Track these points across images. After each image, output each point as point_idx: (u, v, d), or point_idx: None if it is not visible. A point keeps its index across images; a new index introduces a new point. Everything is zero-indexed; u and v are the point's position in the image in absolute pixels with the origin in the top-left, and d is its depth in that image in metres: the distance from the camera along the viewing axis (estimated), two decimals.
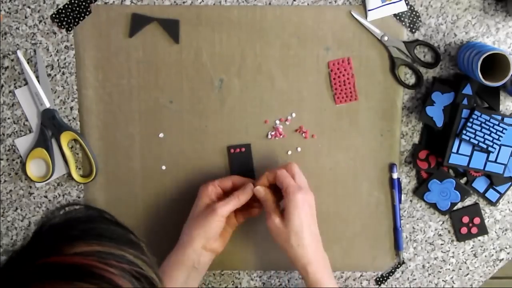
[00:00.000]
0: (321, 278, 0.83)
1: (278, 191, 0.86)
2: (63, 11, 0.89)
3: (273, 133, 0.93)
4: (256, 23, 0.90)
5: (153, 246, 0.97)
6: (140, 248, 0.55)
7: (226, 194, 0.88)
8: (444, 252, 0.98)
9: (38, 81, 0.90)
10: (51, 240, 0.52)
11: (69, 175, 0.93)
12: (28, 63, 0.90)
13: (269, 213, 0.84)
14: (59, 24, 0.89)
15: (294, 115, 0.92)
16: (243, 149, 0.93)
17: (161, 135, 0.93)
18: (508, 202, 0.96)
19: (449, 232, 0.97)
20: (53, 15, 0.89)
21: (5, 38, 0.90)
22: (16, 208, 0.95)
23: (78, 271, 0.49)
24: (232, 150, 0.93)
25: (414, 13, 0.90)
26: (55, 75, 0.91)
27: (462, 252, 0.98)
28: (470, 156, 0.89)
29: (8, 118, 0.92)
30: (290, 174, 0.85)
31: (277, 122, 0.93)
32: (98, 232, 0.54)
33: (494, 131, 0.87)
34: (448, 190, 0.94)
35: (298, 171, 0.86)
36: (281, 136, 0.93)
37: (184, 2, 0.89)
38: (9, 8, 0.89)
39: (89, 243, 0.52)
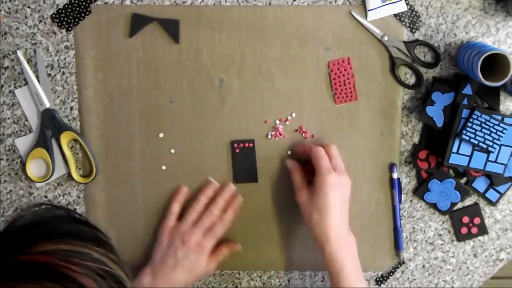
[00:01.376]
0: (339, 257, 0.83)
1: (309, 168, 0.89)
2: (63, 11, 0.89)
3: (273, 133, 0.93)
4: (256, 23, 0.90)
5: (152, 246, 0.98)
6: (108, 246, 0.55)
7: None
8: (444, 252, 0.98)
9: (38, 81, 0.90)
10: (17, 240, 0.52)
11: (69, 175, 0.93)
12: (28, 63, 0.90)
13: (297, 187, 0.89)
14: (59, 24, 0.89)
15: (294, 115, 0.92)
16: (251, 145, 0.93)
17: (161, 135, 0.93)
18: (508, 202, 0.96)
19: (449, 232, 0.97)
20: (53, 15, 0.89)
21: (5, 38, 0.90)
22: (16, 208, 0.95)
23: (40, 270, 0.49)
24: (235, 145, 0.93)
25: (414, 13, 0.90)
26: (55, 75, 0.91)
27: (462, 252, 0.98)
28: (470, 156, 0.89)
29: (8, 118, 0.92)
30: (328, 156, 0.87)
31: (277, 122, 0.93)
32: (64, 231, 0.54)
33: (494, 131, 0.87)
34: (448, 190, 0.94)
35: (336, 154, 0.88)
36: (281, 136, 0.93)
37: (184, 2, 0.89)
38: (9, 8, 0.89)
39: (54, 241, 0.52)
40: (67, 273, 0.49)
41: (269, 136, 0.93)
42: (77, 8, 0.89)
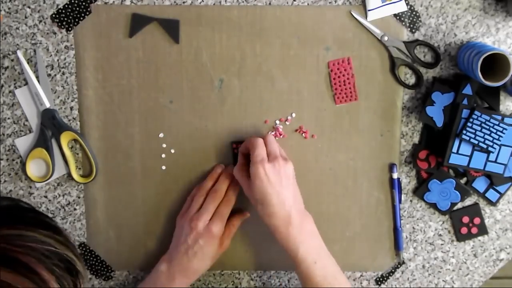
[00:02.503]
0: (291, 243, 0.83)
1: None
2: (63, 11, 0.89)
3: (273, 133, 0.93)
4: (256, 23, 0.90)
5: (153, 246, 0.98)
6: (55, 229, 0.57)
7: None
8: (444, 252, 0.98)
9: (38, 81, 0.90)
10: None
11: (69, 175, 0.93)
12: (28, 63, 0.90)
13: (241, 183, 0.87)
14: (59, 24, 0.89)
15: (294, 115, 0.92)
16: None
17: (161, 135, 0.93)
18: (508, 202, 0.96)
19: (449, 232, 0.97)
20: (53, 15, 0.89)
21: (5, 38, 0.90)
22: None
23: None
24: (234, 145, 0.93)
25: (414, 13, 0.90)
26: (55, 75, 0.91)
27: (462, 252, 0.98)
28: (470, 156, 0.89)
29: (8, 118, 0.92)
30: (265, 144, 0.85)
31: (277, 122, 0.93)
32: (9, 219, 0.55)
33: (494, 131, 0.87)
34: (448, 190, 0.94)
35: (270, 140, 0.86)
36: (281, 136, 0.93)
37: (184, 2, 0.89)
38: (9, 8, 0.89)
39: None
40: (10, 254, 0.50)
41: None
42: (77, 8, 0.89)
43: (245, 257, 0.97)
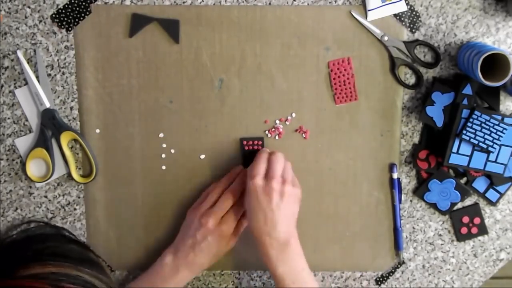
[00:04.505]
0: (270, 261, 0.84)
1: None
2: (63, 11, 0.89)
3: (273, 134, 0.93)
4: (256, 23, 0.90)
5: (153, 246, 0.98)
6: (98, 267, 0.54)
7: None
8: (444, 252, 0.98)
9: (38, 81, 0.90)
10: (4, 261, 0.51)
11: (69, 175, 0.93)
12: (28, 63, 0.90)
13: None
14: (59, 24, 0.89)
15: (294, 115, 0.92)
16: (260, 142, 0.93)
17: (161, 135, 0.93)
18: (508, 202, 0.96)
19: (449, 232, 0.97)
20: (53, 15, 0.89)
21: (5, 38, 0.90)
22: (16, 208, 0.95)
23: None
24: (244, 142, 0.93)
25: (414, 13, 0.90)
26: (55, 75, 0.91)
27: (462, 252, 0.98)
28: (470, 156, 0.89)
29: (8, 118, 0.92)
30: (269, 161, 0.86)
31: (277, 122, 0.93)
32: (53, 252, 0.53)
33: (494, 131, 0.87)
34: (448, 190, 0.94)
35: (273, 159, 0.86)
36: (281, 136, 0.93)
37: (184, 2, 0.89)
38: (9, 8, 0.89)
39: (43, 264, 0.50)
40: None
41: (269, 136, 0.93)
42: (77, 8, 0.89)
43: (245, 257, 0.97)
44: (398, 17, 0.90)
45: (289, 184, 0.85)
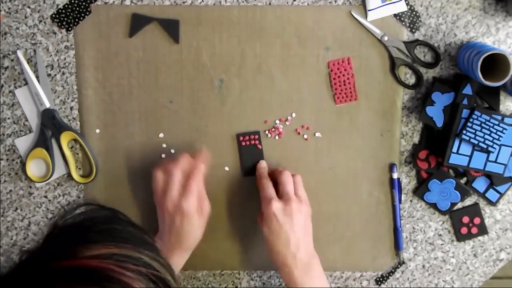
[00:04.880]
0: (295, 282, 0.84)
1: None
2: (63, 11, 0.89)
3: (273, 134, 0.93)
4: (256, 23, 0.90)
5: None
6: (155, 249, 0.54)
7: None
8: (444, 252, 0.98)
9: (38, 81, 0.90)
10: (66, 243, 0.51)
11: (69, 175, 0.93)
12: (28, 63, 0.90)
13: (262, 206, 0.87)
14: (59, 24, 0.89)
15: (294, 115, 0.92)
16: (256, 136, 0.93)
17: (161, 135, 0.93)
18: (508, 202, 0.96)
19: (449, 232, 0.97)
20: (53, 15, 0.89)
21: (5, 38, 0.90)
22: (16, 208, 0.95)
23: (95, 275, 0.47)
24: (241, 138, 0.93)
25: (414, 13, 0.90)
26: (55, 75, 0.91)
27: (462, 252, 0.98)
28: (470, 156, 0.89)
29: (8, 118, 0.92)
30: (280, 182, 0.86)
31: (277, 122, 0.93)
32: (114, 234, 0.53)
33: (494, 131, 0.87)
34: (448, 190, 0.94)
35: (286, 180, 0.87)
36: (281, 136, 0.93)
37: (184, 2, 0.89)
38: (9, 8, 0.89)
39: (105, 245, 0.50)
40: (122, 279, 0.48)
41: (269, 136, 0.93)
42: (77, 8, 0.89)
43: (245, 257, 0.97)
44: (398, 17, 0.90)
45: (304, 202, 0.86)
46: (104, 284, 0.47)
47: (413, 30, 0.90)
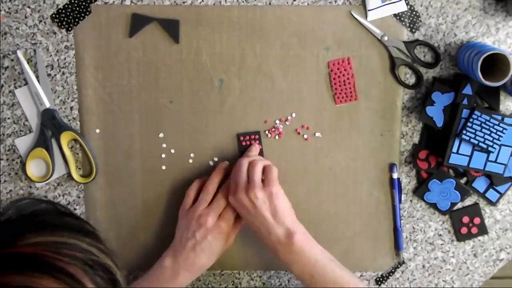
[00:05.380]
0: (284, 262, 0.84)
1: None
2: (63, 11, 0.89)
3: (273, 134, 0.93)
4: (256, 23, 0.90)
5: (153, 246, 0.98)
6: (95, 237, 0.55)
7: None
8: (444, 252, 0.98)
9: (38, 81, 0.90)
10: (5, 234, 0.52)
11: (69, 175, 0.93)
12: (28, 63, 0.90)
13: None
14: (59, 24, 0.89)
15: (294, 115, 0.92)
16: (256, 136, 0.93)
17: (161, 135, 0.93)
18: (508, 202, 0.96)
19: (449, 232, 0.97)
20: (53, 15, 0.89)
21: (5, 38, 0.90)
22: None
23: (29, 261, 0.49)
24: (241, 138, 0.93)
25: (414, 13, 0.90)
26: (55, 75, 0.91)
27: (462, 252, 0.98)
28: (470, 156, 0.89)
29: (8, 118, 0.92)
30: (236, 171, 0.87)
31: (277, 122, 0.93)
32: (52, 224, 0.54)
33: (494, 131, 0.87)
34: (448, 190, 0.94)
35: (238, 167, 0.87)
36: (281, 136, 0.93)
37: (184, 2, 0.89)
38: (9, 8, 0.89)
39: (41, 233, 0.51)
40: (57, 264, 0.49)
41: (269, 136, 0.93)
42: (77, 8, 0.89)
43: (245, 257, 0.97)
44: (398, 17, 0.90)
45: (270, 185, 0.85)
46: (38, 268, 0.48)
47: (413, 30, 0.90)
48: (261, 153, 0.93)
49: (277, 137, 0.93)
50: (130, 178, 0.94)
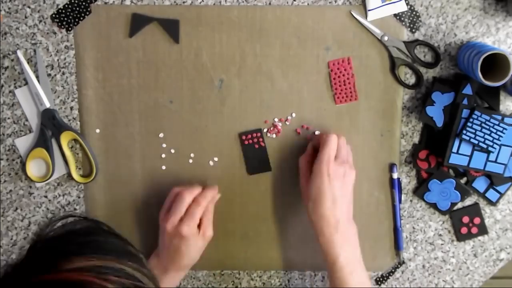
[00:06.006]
0: (333, 249, 0.83)
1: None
2: (63, 11, 0.89)
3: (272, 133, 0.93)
4: (256, 23, 0.90)
5: (153, 246, 0.98)
6: (139, 260, 0.54)
7: None
8: (444, 252, 0.98)
9: (38, 81, 0.90)
10: (47, 256, 0.50)
11: (69, 175, 0.93)
12: (28, 63, 0.90)
13: (301, 172, 0.88)
14: (59, 24, 0.90)
15: (294, 115, 0.92)
16: (258, 134, 0.93)
17: (161, 135, 0.93)
18: (508, 202, 0.96)
19: (449, 232, 0.97)
20: (53, 15, 0.89)
21: (5, 38, 0.90)
22: (16, 208, 0.95)
23: None
24: (243, 137, 0.93)
25: (414, 13, 0.90)
26: (55, 75, 0.91)
27: (462, 252, 0.98)
28: (470, 156, 0.89)
29: (8, 118, 0.92)
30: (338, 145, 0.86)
31: (277, 122, 0.93)
32: (96, 245, 0.52)
33: (494, 131, 0.87)
34: (448, 190, 0.94)
35: (342, 143, 0.87)
36: (279, 135, 0.93)
37: (184, 2, 0.89)
38: (9, 8, 0.89)
39: (86, 257, 0.50)
40: None
41: (268, 135, 0.93)
42: (77, 8, 0.89)
43: (245, 257, 0.97)
44: (398, 17, 0.90)
45: (353, 169, 0.86)
46: None
47: (413, 30, 0.90)
48: (264, 150, 0.93)
49: (274, 135, 0.93)
50: (130, 178, 0.94)
